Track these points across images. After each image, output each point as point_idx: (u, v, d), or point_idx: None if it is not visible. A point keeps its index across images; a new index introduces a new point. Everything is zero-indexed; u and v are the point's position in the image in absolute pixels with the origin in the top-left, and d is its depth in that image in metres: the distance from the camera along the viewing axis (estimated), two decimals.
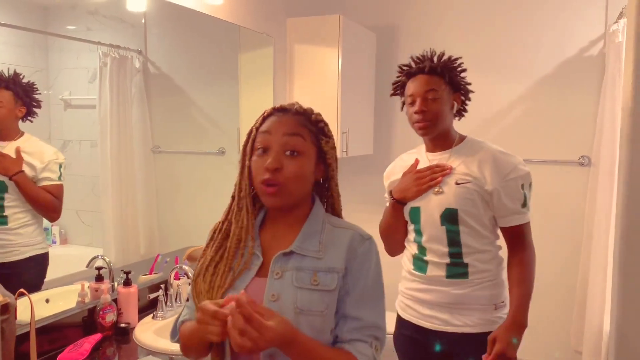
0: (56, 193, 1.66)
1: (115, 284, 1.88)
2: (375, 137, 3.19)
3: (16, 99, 1.56)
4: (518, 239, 1.60)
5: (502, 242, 1.67)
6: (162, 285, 1.98)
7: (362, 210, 3.26)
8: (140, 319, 1.80)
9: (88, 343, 1.57)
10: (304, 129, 1.01)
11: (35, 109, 1.60)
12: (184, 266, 1.91)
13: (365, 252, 1.01)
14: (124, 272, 1.81)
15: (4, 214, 1.54)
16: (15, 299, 1.00)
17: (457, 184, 1.58)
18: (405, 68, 1.68)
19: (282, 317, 0.88)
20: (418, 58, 1.67)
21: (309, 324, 0.94)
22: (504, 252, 1.67)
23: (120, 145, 2.30)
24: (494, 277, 1.62)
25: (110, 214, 2.27)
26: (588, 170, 2.73)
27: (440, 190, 1.59)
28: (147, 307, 1.90)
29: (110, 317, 1.68)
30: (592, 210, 2.59)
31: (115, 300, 1.75)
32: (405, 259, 1.73)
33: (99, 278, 1.74)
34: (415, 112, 1.60)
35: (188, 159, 2.51)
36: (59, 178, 1.67)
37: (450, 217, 1.58)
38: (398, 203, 1.66)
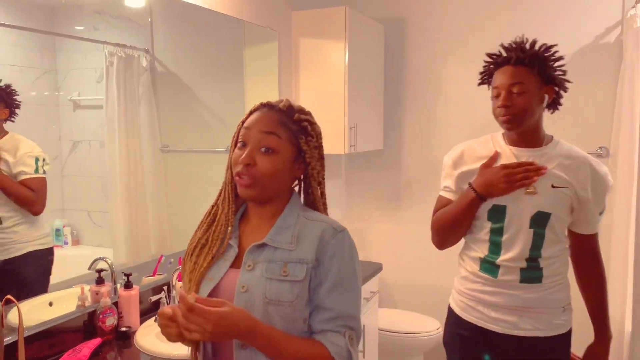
0: (35, 186, 1.66)
1: (118, 286, 1.85)
2: (386, 132, 3.15)
3: (1, 103, 1.61)
4: (593, 246, 1.61)
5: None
6: (165, 287, 1.94)
7: (372, 206, 3.22)
8: (142, 322, 1.75)
9: (87, 348, 1.54)
10: (282, 127, 1.04)
11: (15, 110, 1.66)
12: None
13: (337, 244, 1.02)
14: (125, 275, 1.77)
15: None
16: (2, 306, 0.96)
17: (553, 187, 1.50)
18: (493, 57, 1.58)
19: (238, 307, 0.92)
20: (508, 46, 1.56)
21: (280, 314, 0.98)
22: None
23: (129, 145, 2.28)
24: (563, 279, 1.58)
25: (120, 215, 2.26)
26: (606, 161, 2.65)
27: (534, 190, 1.50)
28: (150, 310, 1.86)
29: (110, 321, 1.65)
30: (611, 202, 2.52)
31: (116, 304, 1.72)
32: (467, 259, 1.64)
33: (100, 281, 1.72)
34: (498, 107, 1.52)
35: (197, 158, 2.49)
36: (37, 171, 1.67)
37: (540, 221, 1.50)
38: (480, 198, 1.54)
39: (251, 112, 1.08)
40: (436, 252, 1.75)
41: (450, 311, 1.70)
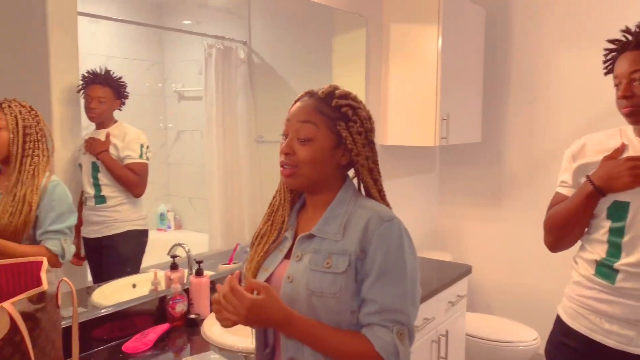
0: (138, 171, 1.77)
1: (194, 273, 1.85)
2: (485, 124, 2.97)
3: (114, 94, 1.74)
4: None
5: None
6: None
7: (467, 204, 3.07)
8: (212, 310, 1.74)
9: (154, 333, 1.55)
10: (319, 115, 1.03)
11: (125, 100, 1.79)
12: None
13: (383, 234, 0.98)
14: (197, 262, 1.79)
15: (102, 193, 1.72)
16: (58, 287, 1.01)
17: None
18: (615, 43, 1.44)
19: (275, 298, 0.93)
20: (629, 30, 1.41)
21: (323, 306, 0.97)
22: None
23: (226, 135, 2.37)
24: None
25: (216, 202, 2.35)
26: None
27: None
28: None
29: (180, 308, 1.66)
30: None
31: (187, 291, 1.73)
32: (581, 261, 1.50)
33: (174, 267, 1.76)
34: (618, 98, 1.38)
35: None
36: (141, 157, 1.79)
37: None
38: (598, 192, 1.40)
39: (295, 102, 1.08)
40: (538, 257, 1.61)
41: (557, 318, 1.56)
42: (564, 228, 1.48)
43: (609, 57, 1.46)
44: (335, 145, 1.03)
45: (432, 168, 3.14)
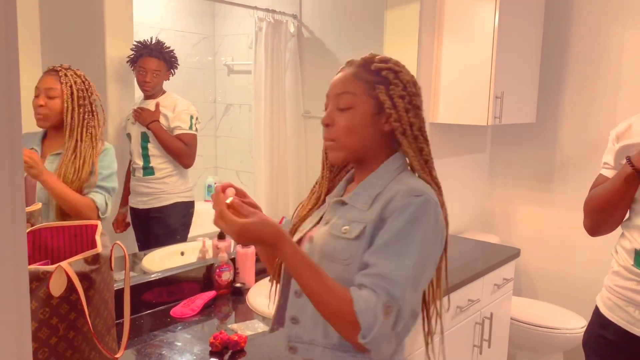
0: (187, 141, 1.78)
1: None
2: (540, 104, 2.84)
3: (167, 66, 1.75)
4: None
5: None
6: None
7: (518, 186, 2.97)
8: (257, 280, 1.76)
9: (201, 300, 1.56)
10: (357, 81, 0.98)
11: (174, 71, 1.81)
12: None
13: (404, 207, 0.91)
14: None
15: (150, 165, 1.75)
16: (111, 250, 1.03)
17: None
18: None
19: (266, 219, 0.90)
20: None
21: (332, 271, 0.92)
22: None
23: (273, 109, 2.37)
24: None
25: (263, 176, 2.38)
26: None
27: None
28: (265, 269, 1.85)
29: (226, 276, 1.68)
30: None
31: (234, 260, 1.75)
32: (620, 249, 1.44)
33: (221, 236, 1.78)
34: None
35: None
36: (190, 128, 1.79)
37: None
38: (638, 175, 1.33)
39: (337, 74, 1.05)
40: (590, 243, 1.53)
41: (596, 310, 1.50)
42: (602, 212, 1.41)
43: None
44: (376, 112, 0.97)
45: (483, 148, 3.05)
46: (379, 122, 0.98)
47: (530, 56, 2.68)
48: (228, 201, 0.90)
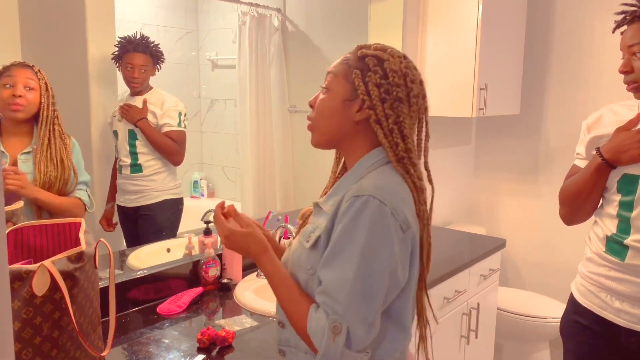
0: (176, 138, 1.77)
1: None
2: (524, 95, 2.86)
3: (153, 61, 1.73)
4: None
5: None
6: None
7: (503, 178, 2.99)
8: (244, 276, 1.76)
9: (188, 296, 1.58)
10: (340, 66, 0.94)
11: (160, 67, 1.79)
12: (288, 225, 1.84)
13: (345, 209, 0.85)
14: None
15: (138, 162, 1.73)
16: (95, 248, 1.03)
17: None
18: (624, 12, 1.36)
19: (256, 232, 0.95)
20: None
21: (302, 280, 0.91)
22: None
23: (259, 104, 2.36)
24: None
25: (249, 171, 2.37)
26: None
27: None
28: (252, 265, 1.82)
29: (213, 272, 1.68)
30: None
31: (220, 256, 1.75)
32: (593, 236, 1.46)
33: (207, 232, 1.77)
34: (619, 71, 1.33)
35: None
36: (179, 125, 1.78)
37: None
38: (607, 165, 1.37)
39: None
40: (573, 233, 1.55)
41: (570, 296, 1.53)
42: (575, 201, 1.43)
43: (618, 26, 1.37)
44: (349, 98, 0.92)
45: (468, 140, 3.07)
46: (350, 108, 0.92)
47: (514, 48, 2.70)
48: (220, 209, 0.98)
